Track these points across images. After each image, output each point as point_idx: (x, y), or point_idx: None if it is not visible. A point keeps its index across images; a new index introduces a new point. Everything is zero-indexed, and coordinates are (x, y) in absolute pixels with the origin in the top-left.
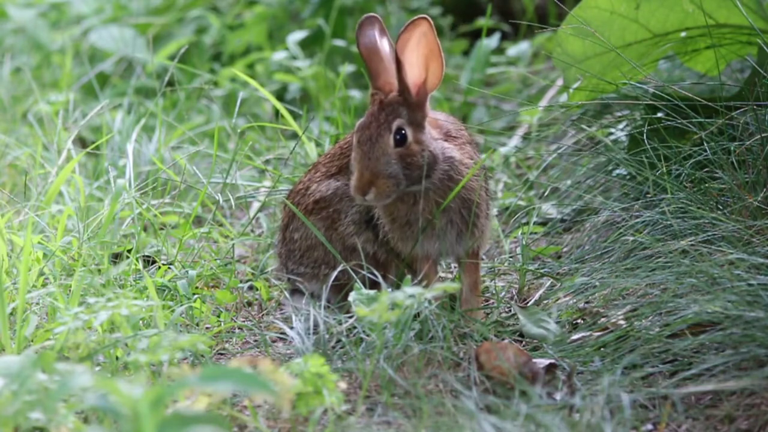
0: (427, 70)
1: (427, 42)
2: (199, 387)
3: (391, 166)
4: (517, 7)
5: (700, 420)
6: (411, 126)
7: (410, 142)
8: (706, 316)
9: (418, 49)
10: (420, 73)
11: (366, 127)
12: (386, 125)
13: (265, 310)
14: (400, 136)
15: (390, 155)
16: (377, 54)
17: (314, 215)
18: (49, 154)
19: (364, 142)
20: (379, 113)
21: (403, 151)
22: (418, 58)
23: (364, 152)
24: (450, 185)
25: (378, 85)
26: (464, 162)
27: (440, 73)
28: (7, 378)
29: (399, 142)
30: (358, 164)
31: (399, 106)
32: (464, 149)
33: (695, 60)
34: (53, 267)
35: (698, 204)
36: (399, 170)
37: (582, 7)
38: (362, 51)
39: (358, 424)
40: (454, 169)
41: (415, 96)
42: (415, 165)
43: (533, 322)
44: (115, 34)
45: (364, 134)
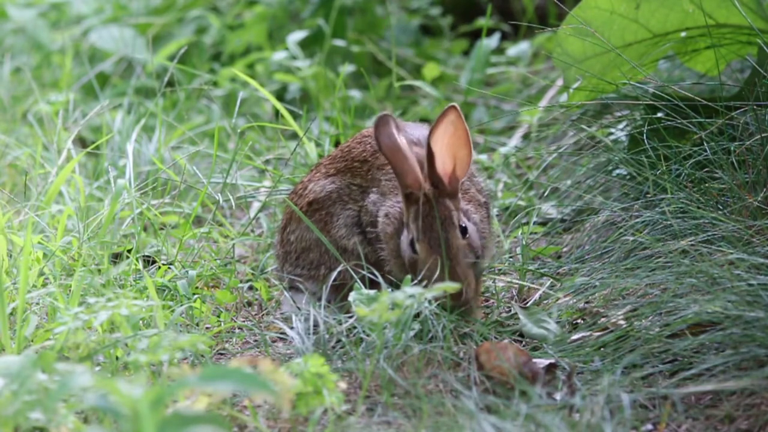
0: (455, 158)
1: (456, 130)
2: (199, 387)
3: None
4: (517, 7)
5: (700, 420)
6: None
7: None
8: (706, 316)
9: (444, 138)
10: (449, 163)
11: (429, 230)
12: (449, 220)
13: (265, 310)
14: (461, 228)
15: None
16: (400, 152)
17: (308, 217)
18: (49, 154)
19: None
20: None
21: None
22: (446, 148)
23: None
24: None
25: (408, 183)
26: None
27: (469, 160)
28: (7, 378)
29: (463, 233)
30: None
31: (443, 198)
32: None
33: (695, 60)
34: (53, 267)
35: (698, 204)
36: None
37: (582, 7)
38: (386, 152)
39: (358, 424)
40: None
41: (448, 185)
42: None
43: (533, 322)
44: (115, 34)
45: (432, 239)
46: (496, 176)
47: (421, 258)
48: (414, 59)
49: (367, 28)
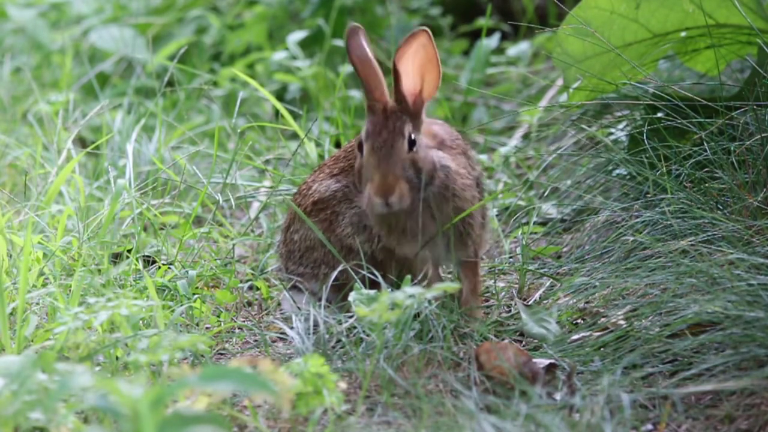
0: (422, 80)
1: (426, 53)
2: (199, 387)
3: (407, 171)
4: (517, 7)
5: (700, 420)
6: (415, 132)
7: (418, 147)
8: (706, 316)
9: (414, 59)
10: (416, 83)
11: (377, 133)
12: (398, 131)
13: (265, 310)
14: (411, 142)
15: (405, 160)
16: (370, 64)
17: (313, 217)
18: (49, 154)
19: (379, 148)
20: (387, 120)
21: (414, 155)
22: (414, 68)
23: (381, 157)
24: (446, 194)
25: (375, 97)
26: (459, 172)
27: (436, 83)
28: (7, 378)
29: (410, 146)
30: (378, 169)
31: (402, 114)
32: (458, 159)
33: (695, 60)
34: (53, 267)
35: (698, 204)
36: (413, 175)
37: (582, 7)
38: (356, 62)
39: (358, 424)
40: (450, 178)
41: (412, 105)
42: (424, 169)
43: (535, 321)
44: (115, 34)
45: (377, 140)
46: (496, 176)
47: (364, 158)
48: None
49: (367, 28)
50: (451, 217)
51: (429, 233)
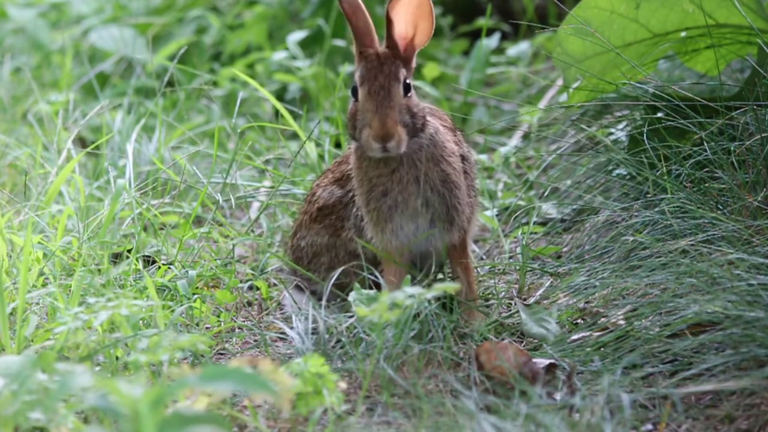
0: (416, 27)
1: (420, 2)
2: (199, 387)
3: (404, 115)
4: (517, 7)
5: (700, 420)
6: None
7: (411, 94)
8: (706, 316)
9: (408, 6)
10: (409, 30)
11: (373, 78)
12: (393, 75)
13: (265, 310)
14: (406, 87)
15: (402, 105)
16: (361, 10)
17: (318, 223)
18: (49, 154)
19: (377, 92)
20: (382, 65)
21: (408, 101)
22: (407, 15)
23: (379, 102)
24: (434, 153)
25: (366, 43)
26: (448, 139)
27: (429, 32)
28: (7, 378)
29: (405, 91)
30: (376, 113)
31: (395, 60)
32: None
33: (695, 60)
34: (53, 267)
35: (698, 204)
36: (409, 120)
37: (582, 6)
38: (346, 9)
39: (358, 424)
40: (439, 137)
41: (403, 52)
42: (418, 115)
43: (535, 321)
44: (115, 34)
45: (374, 84)
46: (496, 176)
47: (359, 103)
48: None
49: None
50: (437, 185)
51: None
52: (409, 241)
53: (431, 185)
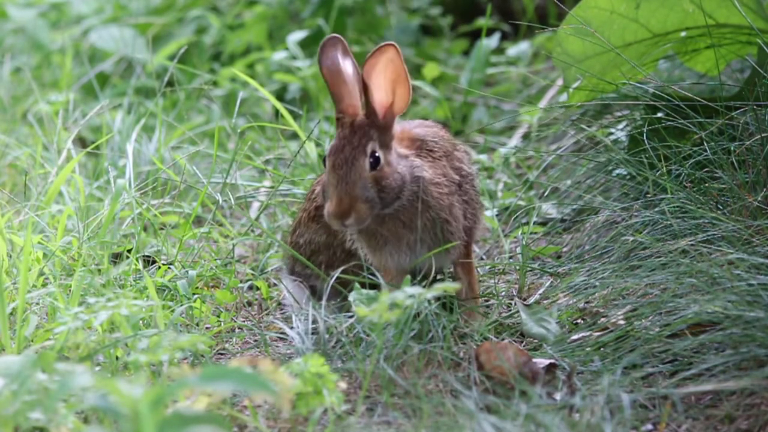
0: (394, 93)
1: (395, 68)
2: (199, 387)
3: (368, 191)
4: (517, 7)
5: (700, 420)
6: (382, 148)
7: (383, 165)
8: (706, 316)
9: (385, 73)
10: (387, 97)
11: (340, 150)
12: (361, 148)
13: (265, 310)
14: (374, 159)
15: (366, 179)
16: (340, 76)
17: (316, 222)
18: (49, 154)
19: (340, 166)
20: (352, 136)
21: (378, 174)
22: (385, 82)
23: (340, 177)
24: (419, 205)
25: (342, 108)
26: (435, 181)
27: (407, 98)
28: (7, 378)
29: (373, 165)
30: (336, 189)
31: (369, 129)
32: (437, 165)
33: (695, 60)
34: (53, 267)
35: (698, 204)
36: (374, 194)
37: (582, 6)
38: (325, 73)
39: (358, 424)
40: (423, 189)
41: (382, 119)
42: (388, 187)
43: (534, 321)
44: (115, 34)
45: (338, 158)
46: (496, 176)
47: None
48: (414, 59)
49: (367, 28)
50: (427, 227)
51: (408, 243)
52: (404, 264)
53: (422, 227)
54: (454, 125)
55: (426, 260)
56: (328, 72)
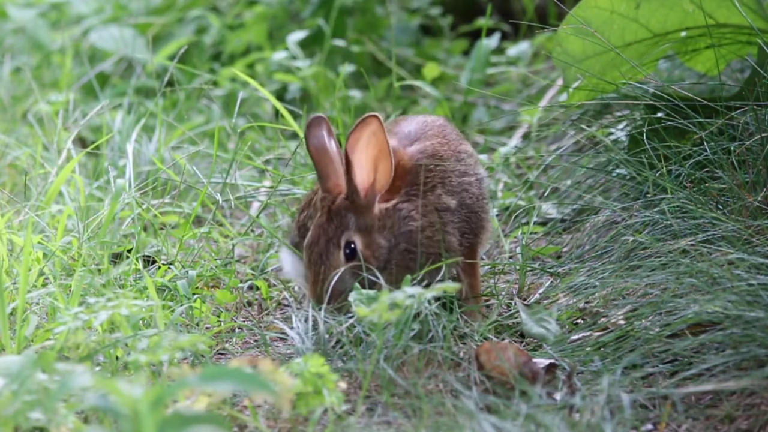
0: (376, 171)
1: (377, 142)
2: (199, 387)
3: (344, 283)
4: (517, 7)
5: (700, 420)
6: (360, 233)
7: (360, 252)
8: (706, 316)
9: (367, 150)
10: (369, 175)
11: (315, 243)
12: (335, 240)
13: (265, 310)
14: (349, 251)
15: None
16: (327, 155)
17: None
18: (49, 154)
19: (315, 262)
20: (328, 225)
21: (355, 262)
22: (367, 159)
23: (315, 271)
24: (409, 254)
25: (328, 188)
26: (424, 225)
27: (389, 174)
28: (7, 378)
29: (349, 256)
30: (312, 284)
31: (347, 213)
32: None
33: (695, 60)
34: (53, 267)
35: (698, 204)
36: (351, 282)
37: (582, 6)
38: (312, 152)
39: (358, 424)
40: (412, 241)
41: (364, 198)
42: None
43: (535, 321)
44: (115, 34)
45: (313, 253)
46: (496, 176)
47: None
48: (414, 59)
49: (367, 28)
50: (422, 265)
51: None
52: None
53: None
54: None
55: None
56: (315, 151)
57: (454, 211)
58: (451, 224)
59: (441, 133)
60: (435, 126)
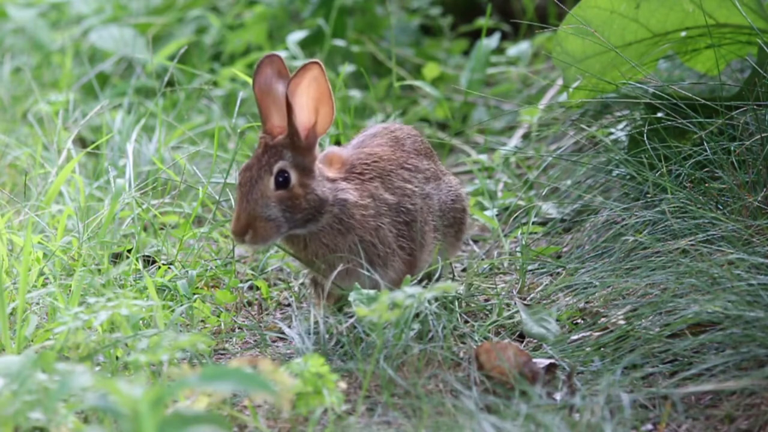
0: (317, 113)
1: (318, 86)
2: (199, 387)
3: (269, 209)
4: (517, 7)
5: (700, 420)
6: (296, 169)
7: (293, 185)
8: (706, 316)
9: (308, 92)
10: (310, 117)
11: (248, 168)
12: (267, 167)
13: (265, 310)
14: (282, 179)
15: (269, 198)
16: (270, 96)
17: None
18: (49, 154)
19: (244, 184)
20: (263, 155)
21: (285, 194)
22: (309, 101)
23: (242, 194)
24: (340, 228)
25: (267, 128)
26: (359, 203)
27: (330, 118)
28: (7, 378)
29: (281, 184)
30: (237, 206)
31: (284, 149)
32: (364, 188)
33: (695, 60)
34: (53, 267)
35: (698, 204)
36: (279, 213)
37: (582, 6)
38: (256, 92)
39: (358, 424)
40: (346, 212)
41: (304, 139)
42: (298, 208)
43: (535, 321)
44: (115, 34)
45: (245, 176)
46: (496, 176)
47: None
48: (414, 59)
49: (367, 28)
50: (353, 251)
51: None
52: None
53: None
54: (454, 125)
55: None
56: (260, 90)
57: (392, 207)
58: (388, 218)
59: (395, 142)
60: (392, 135)
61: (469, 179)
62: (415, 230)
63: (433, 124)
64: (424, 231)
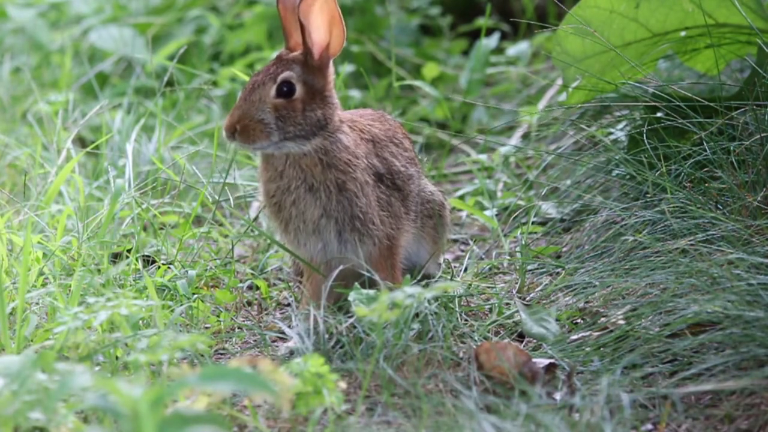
0: (330, 34)
1: (329, 9)
2: (199, 387)
3: (264, 113)
4: (516, 7)
5: (700, 420)
6: (304, 85)
7: (296, 99)
8: (706, 316)
9: (321, 14)
10: (324, 36)
11: (257, 74)
12: (273, 76)
13: (265, 310)
14: (286, 89)
15: (267, 103)
16: (293, 13)
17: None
18: (49, 154)
19: (248, 87)
20: (273, 65)
21: (284, 103)
22: (323, 22)
23: (243, 95)
24: (323, 159)
25: (289, 46)
26: (350, 149)
27: (342, 39)
28: (7, 378)
29: (283, 93)
30: (236, 104)
31: (295, 64)
32: (360, 145)
33: (695, 59)
34: (53, 267)
35: (698, 204)
36: (272, 119)
37: (581, 6)
38: (280, 9)
39: (358, 424)
40: (335, 147)
41: (317, 58)
42: (293, 121)
43: (534, 321)
44: (114, 34)
45: (251, 80)
46: (496, 176)
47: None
48: (414, 59)
49: (367, 28)
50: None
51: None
52: (316, 252)
53: (327, 193)
54: (454, 125)
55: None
56: (283, 7)
57: (378, 176)
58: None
59: (380, 119)
60: (378, 115)
61: (468, 179)
62: (395, 208)
63: (433, 124)
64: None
